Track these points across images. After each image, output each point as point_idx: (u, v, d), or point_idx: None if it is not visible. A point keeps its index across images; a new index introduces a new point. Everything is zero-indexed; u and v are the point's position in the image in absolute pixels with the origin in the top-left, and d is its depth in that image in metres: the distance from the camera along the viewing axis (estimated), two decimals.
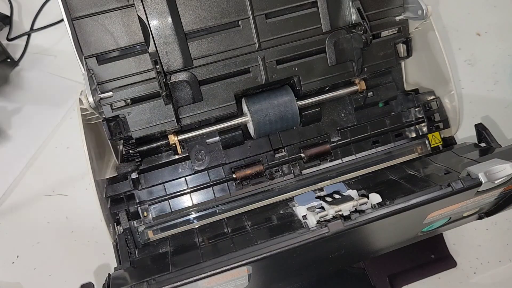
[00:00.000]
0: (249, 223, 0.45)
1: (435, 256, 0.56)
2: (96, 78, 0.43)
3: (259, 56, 0.46)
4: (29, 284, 0.58)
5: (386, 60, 0.50)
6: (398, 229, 0.45)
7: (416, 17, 0.47)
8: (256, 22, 0.45)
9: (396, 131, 0.54)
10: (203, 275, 0.33)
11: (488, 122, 0.66)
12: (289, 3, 0.46)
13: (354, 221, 0.36)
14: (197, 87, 0.45)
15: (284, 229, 0.38)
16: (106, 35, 0.42)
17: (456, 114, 0.52)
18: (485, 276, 0.56)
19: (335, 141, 0.53)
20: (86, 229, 0.61)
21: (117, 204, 0.48)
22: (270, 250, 0.35)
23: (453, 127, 0.54)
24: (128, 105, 0.45)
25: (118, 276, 0.37)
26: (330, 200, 0.40)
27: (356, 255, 0.50)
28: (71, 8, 0.41)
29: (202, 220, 0.50)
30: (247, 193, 0.51)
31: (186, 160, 0.50)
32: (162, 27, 0.43)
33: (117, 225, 0.48)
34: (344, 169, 0.53)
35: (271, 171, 0.51)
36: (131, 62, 0.43)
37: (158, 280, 0.34)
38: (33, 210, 0.62)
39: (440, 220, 0.45)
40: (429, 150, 0.54)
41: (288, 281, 0.50)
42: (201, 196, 0.50)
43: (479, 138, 0.50)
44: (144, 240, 0.49)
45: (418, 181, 0.45)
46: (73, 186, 0.63)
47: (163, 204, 0.50)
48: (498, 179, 0.37)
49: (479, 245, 0.58)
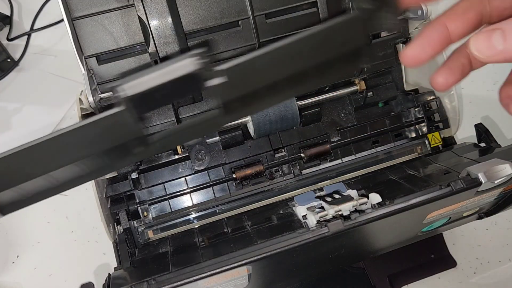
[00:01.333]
0: (249, 223, 0.45)
1: (435, 256, 0.56)
2: (96, 78, 0.43)
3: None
4: (29, 284, 0.58)
5: (386, 60, 0.50)
6: (398, 229, 0.45)
7: (416, 17, 0.47)
8: (256, 22, 0.45)
9: (396, 131, 0.54)
10: (203, 275, 0.33)
11: (488, 122, 0.66)
12: (289, 3, 0.46)
13: (354, 221, 0.36)
14: None
15: (284, 229, 0.38)
16: (106, 35, 0.42)
17: (456, 114, 0.52)
18: (485, 276, 0.55)
19: (335, 141, 0.53)
20: (86, 229, 0.61)
21: (117, 204, 0.48)
22: (270, 250, 0.35)
23: (453, 127, 0.54)
24: None
25: (118, 276, 0.37)
26: (330, 200, 0.40)
27: (356, 255, 0.51)
28: (71, 8, 0.41)
29: (202, 220, 0.50)
30: (247, 193, 0.51)
31: (186, 160, 0.50)
32: (162, 27, 0.43)
33: (117, 225, 0.48)
34: (344, 169, 0.53)
35: (271, 171, 0.51)
36: (131, 62, 0.44)
37: (158, 280, 0.34)
38: (33, 210, 0.62)
39: (440, 220, 0.45)
40: (429, 150, 0.54)
41: (288, 281, 0.50)
42: (201, 196, 0.50)
43: (479, 138, 0.50)
44: (144, 240, 0.49)
45: (418, 181, 0.45)
46: None
47: (163, 204, 0.50)
48: (498, 179, 0.37)
49: (479, 245, 0.58)
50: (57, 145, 0.27)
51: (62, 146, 0.28)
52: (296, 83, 0.33)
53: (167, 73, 0.26)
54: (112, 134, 0.28)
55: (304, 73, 0.31)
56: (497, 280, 0.55)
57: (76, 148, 0.28)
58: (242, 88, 0.29)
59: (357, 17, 0.29)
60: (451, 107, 0.52)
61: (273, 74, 0.29)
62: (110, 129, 0.28)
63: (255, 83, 0.29)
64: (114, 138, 0.28)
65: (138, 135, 0.29)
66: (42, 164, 0.28)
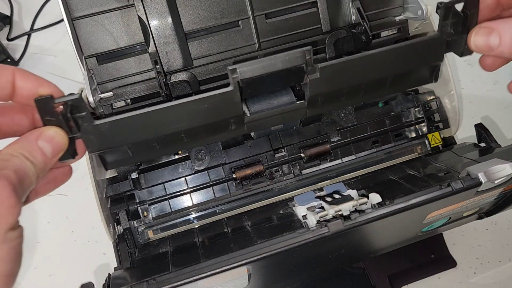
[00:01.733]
0: (249, 223, 0.45)
1: (435, 256, 0.56)
2: (96, 78, 0.43)
3: (259, 56, 0.46)
4: (29, 284, 0.58)
5: None
6: (398, 229, 0.45)
7: (416, 17, 0.47)
8: (256, 22, 0.45)
9: (396, 131, 0.54)
10: (203, 275, 0.33)
11: (488, 122, 0.66)
12: (289, 3, 0.46)
13: (354, 221, 0.36)
14: (197, 87, 0.45)
15: (284, 229, 0.38)
16: (106, 35, 0.42)
17: (456, 114, 0.52)
18: (485, 276, 0.56)
19: (335, 141, 0.53)
20: (86, 229, 0.61)
21: (117, 204, 0.48)
22: (270, 250, 0.35)
23: (453, 127, 0.54)
24: (128, 105, 0.45)
25: (118, 276, 0.37)
26: (330, 200, 0.40)
27: (356, 255, 0.51)
28: (71, 8, 0.41)
29: (202, 220, 0.50)
30: (247, 193, 0.51)
31: (186, 160, 0.50)
32: (162, 27, 0.43)
33: (117, 225, 0.48)
34: (344, 169, 0.53)
35: (271, 171, 0.51)
36: (131, 62, 0.44)
37: (158, 280, 0.34)
38: (33, 210, 0.62)
39: (440, 220, 0.45)
40: (429, 150, 0.54)
41: (288, 281, 0.50)
42: (201, 196, 0.50)
43: (479, 138, 0.50)
44: (144, 240, 0.49)
45: (418, 181, 0.45)
46: (73, 186, 0.63)
47: (163, 204, 0.50)
48: (498, 179, 0.37)
49: (479, 245, 0.58)
50: (169, 114, 0.32)
51: (173, 115, 0.33)
52: (374, 89, 0.39)
53: (278, 63, 0.31)
54: (218, 110, 0.33)
55: (383, 80, 0.37)
56: (497, 280, 0.55)
57: (185, 118, 0.33)
58: (329, 86, 0.35)
59: (439, 38, 0.34)
60: (451, 107, 0.52)
61: (358, 78, 0.35)
62: (218, 105, 0.32)
63: (341, 84, 0.35)
64: (218, 113, 0.33)
65: (238, 113, 0.34)
66: (153, 129, 0.33)
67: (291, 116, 0.38)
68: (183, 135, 0.35)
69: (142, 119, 0.32)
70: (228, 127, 0.36)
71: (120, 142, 0.35)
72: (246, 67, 0.31)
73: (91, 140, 0.32)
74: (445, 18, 0.33)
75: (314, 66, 0.33)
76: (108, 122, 0.31)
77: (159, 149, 0.38)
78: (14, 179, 0.24)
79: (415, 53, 0.35)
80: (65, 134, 0.29)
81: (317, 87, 0.34)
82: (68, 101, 0.29)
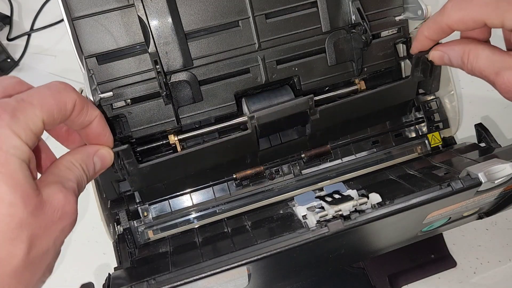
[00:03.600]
0: (249, 223, 0.45)
1: (435, 256, 0.56)
2: (96, 78, 0.43)
3: (259, 56, 0.46)
4: None
5: (386, 60, 0.50)
6: (398, 229, 0.45)
7: (416, 17, 0.47)
8: (256, 22, 0.45)
9: (396, 131, 0.54)
10: (203, 275, 0.33)
11: (488, 122, 0.66)
12: (289, 3, 0.46)
13: (354, 221, 0.36)
14: (197, 87, 0.45)
15: (284, 229, 0.38)
16: (106, 35, 0.42)
17: (456, 114, 0.52)
18: (485, 276, 0.56)
19: (335, 141, 0.53)
20: (86, 229, 0.61)
21: (117, 204, 0.48)
22: (270, 250, 0.35)
23: (453, 127, 0.54)
24: (128, 105, 0.45)
25: (118, 276, 0.37)
26: (330, 200, 0.40)
27: (356, 255, 0.51)
28: (71, 8, 0.41)
29: (202, 220, 0.50)
30: (247, 193, 0.51)
31: None
32: (162, 27, 0.43)
33: (117, 225, 0.48)
34: (344, 169, 0.53)
35: (271, 171, 0.51)
36: (131, 62, 0.43)
37: (158, 280, 0.34)
38: None
39: (440, 220, 0.45)
40: (429, 150, 0.54)
41: (288, 281, 0.50)
42: (201, 196, 0.50)
43: (479, 138, 0.50)
44: (144, 240, 0.49)
45: (418, 181, 0.45)
46: None
47: (163, 204, 0.50)
48: (498, 179, 0.37)
49: (479, 245, 0.58)
50: (200, 154, 0.42)
51: (204, 155, 0.42)
52: (362, 122, 0.50)
53: (287, 109, 0.42)
54: (239, 148, 0.43)
55: (368, 115, 0.47)
56: (497, 280, 0.55)
57: (213, 156, 0.43)
58: (326, 123, 0.45)
59: (411, 81, 0.46)
60: (451, 107, 0.52)
61: (348, 115, 0.45)
62: (238, 144, 0.43)
63: (335, 120, 0.45)
64: (239, 150, 0.44)
65: (254, 150, 0.45)
66: (186, 168, 0.43)
67: (295, 149, 0.50)
68: (208, 170, 0.45)
69: (177, 160, 0.41)
70: (245, 160, 0.47)
71: (159, 181, 0.45)
72: (262, 114, 0.42)
73: (135, 180, 0.40)
74: (416, 65, 0.44)
75: (315, 109, 0.43)
76: (149, 165, 0.39)
77: (188, 184, 0.48)
78: (77, 191, 0.29)
79: (393, 94, 0.46)
80: (113, 156, 0.35)
81: (317, 124, 0.44)
82: (119, 151, 0.36)
